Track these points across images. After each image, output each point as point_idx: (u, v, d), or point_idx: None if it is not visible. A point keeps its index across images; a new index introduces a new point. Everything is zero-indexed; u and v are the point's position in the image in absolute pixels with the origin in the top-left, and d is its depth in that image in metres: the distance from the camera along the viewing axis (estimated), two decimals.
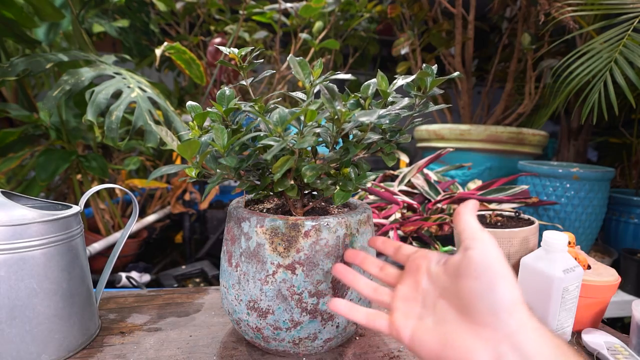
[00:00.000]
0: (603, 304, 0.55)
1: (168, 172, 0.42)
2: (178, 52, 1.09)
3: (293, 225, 0.42)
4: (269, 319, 0.44)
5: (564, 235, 0.50)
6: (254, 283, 0.43)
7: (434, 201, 0.96)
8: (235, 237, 0.46)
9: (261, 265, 0.43)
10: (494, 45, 1.86)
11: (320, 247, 0.42)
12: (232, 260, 0.46)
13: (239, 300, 0.45)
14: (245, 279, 0.44)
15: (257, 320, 0.44)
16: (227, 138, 0.41)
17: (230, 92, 0.47)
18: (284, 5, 1.42)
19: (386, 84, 0.43)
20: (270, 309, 0.43)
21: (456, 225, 0.34)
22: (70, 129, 1.07)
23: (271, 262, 0.42)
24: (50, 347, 0.45)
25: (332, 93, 0.40)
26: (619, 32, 1.04)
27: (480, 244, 0.31)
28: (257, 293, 0.43)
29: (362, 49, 1.82)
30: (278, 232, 0.42)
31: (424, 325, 0.32)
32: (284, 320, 0.43)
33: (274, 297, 0.43)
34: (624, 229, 1.25)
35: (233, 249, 0.46)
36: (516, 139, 1.31)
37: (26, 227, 0.43)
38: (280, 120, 0.39)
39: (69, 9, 1.03)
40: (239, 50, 0.47)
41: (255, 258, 0.43)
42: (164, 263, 1.28)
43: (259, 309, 0.44)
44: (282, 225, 0.42)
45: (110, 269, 0.56)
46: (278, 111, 0.39)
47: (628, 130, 1.59)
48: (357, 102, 0.46)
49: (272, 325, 0.44)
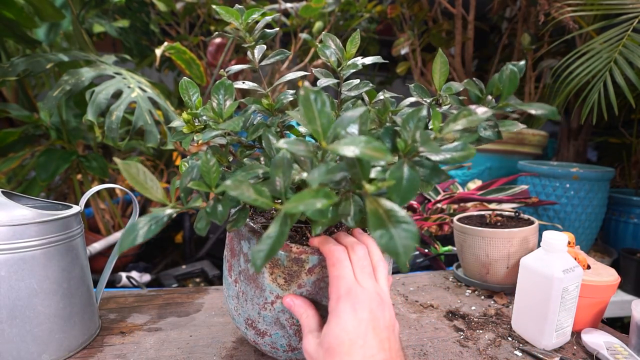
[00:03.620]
0: (603, 303, 0.55)
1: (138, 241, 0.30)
2: (178, 52, 1.09)
3: (296, 260, 0.37)
4: (266, 339, 0.41)
5: (563, 235, 0.50)
6: (252, 305, 0.40)
7: (433, 201, 0.96)
8: (235, 252, 0.42)
9: (260, 291, 0.39)
10: (493, 45, 1.86)
11: (325, 285, 0.38)
12: (231, 273, 0.43)
13: (237, 314, 0.43)
14: (244, 297, 0.41)
15: (255, 336, 0.42)
16: (216, 174, 0.32)
17: (229, 83, 0.39)
18: (284, 5, 1.42)
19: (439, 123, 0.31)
20: (268, 332, 0.41)
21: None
22: (70, 129, 1.07)
23: (270, 291, 0.39)
24: (51, 347, 0.45)
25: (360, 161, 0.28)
26: (619, 32, 1.04)
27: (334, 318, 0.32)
28: (255, 315, 0.41)
29: (362, 49, 1.83)
30: (279, 263, 0.37)
31: None
32: (281, 344, 0.41)
33: (272, 324, 0.40)
34: (624, 228, 1.25)
35: (233, 263, 0.43)
36: (516, 139, 1.31)
37: (26, 227, 0.43)
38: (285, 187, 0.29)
39: (69, 9, 1.04)
40: (246, 12, 0.38)
41: (254, 282, 0.40)
42: (164, 263, 1.28)
43: (257, 329, 0.41)
44: (284, 257, 0.37)
45: (110, 268, 0.56)
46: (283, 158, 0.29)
47: (628, 130, 1.59)
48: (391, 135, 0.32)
49: (270, 344, 0.42)
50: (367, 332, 0.32)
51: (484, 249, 0.66)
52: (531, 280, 0.52)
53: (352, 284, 0.33)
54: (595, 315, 0.55)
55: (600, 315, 0.56)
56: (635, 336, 0.50)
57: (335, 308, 0.33)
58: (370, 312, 0.32)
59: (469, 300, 0.66)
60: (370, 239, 0.39)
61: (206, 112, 0.38)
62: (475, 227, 0.67)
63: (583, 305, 0.53)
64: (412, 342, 0.52)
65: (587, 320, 0.55)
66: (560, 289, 0.48)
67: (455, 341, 0.52)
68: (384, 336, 0.32)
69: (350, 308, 0.32)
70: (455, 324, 0.57)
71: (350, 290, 0.33)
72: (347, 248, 0.36)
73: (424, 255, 0.87)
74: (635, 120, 1.56)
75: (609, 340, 0.50)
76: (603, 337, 0.51)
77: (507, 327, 0.56)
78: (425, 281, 0.73)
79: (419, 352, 0.50)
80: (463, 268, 0.73)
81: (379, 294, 0.34)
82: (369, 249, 0.37)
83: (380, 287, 0.35)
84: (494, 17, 1.71)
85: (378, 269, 0.37)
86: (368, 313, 0.32)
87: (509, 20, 1.69)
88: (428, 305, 0.63)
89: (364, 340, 0.31)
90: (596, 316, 0.55)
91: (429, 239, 0.88)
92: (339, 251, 0.35)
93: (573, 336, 0.54)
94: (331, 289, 0.34)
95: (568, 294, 0.49)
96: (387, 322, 0.34)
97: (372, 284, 0.35)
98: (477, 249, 0.67)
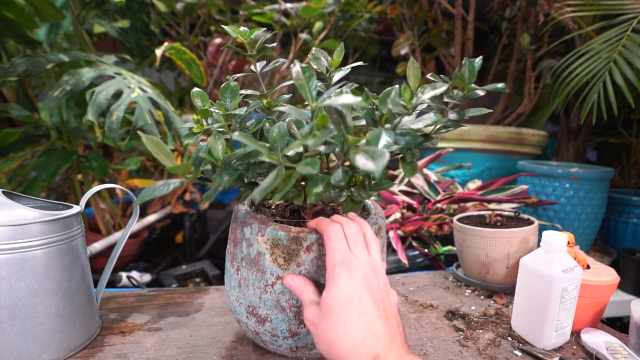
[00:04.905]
0: (602, 303, 0.55)
1: (162, 193, 0.39)
2: (178, 53, 1.10)
3: (295, 238, 0.40)
4: (266, 326, 0.43)
5: (563, 235, 0.50)
6: (254, 290, 0.42)
7: (433, 201, 0.96)
8: (237, 241, 0.45)
9: (261, 274, 0.41)
10: (493, 45, 1.86)
11: (323, 263, 0.40)
12: (234, 263, 0.45)
13: (239, 303, 0.45)
14: (245, 284, 0.43)
15: (256, 325, 0.43)
16: (222, 150, 0.39)
17: (234, 84, 0.44)
18: (284, 6, 1.42)
19: (409, 96, 0.37)
20: (269, 317, 0.42)
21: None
22: (70, 129, 1.07)
23: (271, 272, 0.41)
24: (51, 347, 0.45)
25: (341, 116, 0.35)
26: (618, 32, 1.04)
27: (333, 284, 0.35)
28: (256, 300, 0.42)
29: (362, 49, 1.83)
30: (279, 243, 0.40)
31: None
32: (281, 329, 0.42)
33: (272, 307, 0.42)
34: (623, 228, 1.25)
35: (235, 252, 0.45)
36: (516, 139, 1.31)
37: (27, 227, 0.43)
38: (280, 137, 0.34)
39: (69, 10, 1.04)
40: (249, 31, 0.43)
41: (256, 266, 0.42)
42: (165, 263, 1.28)
43: (258, 315, 0.43)
44: (284, 237, 0.40)
45: (110, 268, 0.57)
46: (278, 126, 0.35)
47: (627, 130, 1.60)
48: (371, 114, 0.39)
49: (270, 332, 0.43)
50: (362, 292, 0.35)
51: (483, 249, 0.66)
52: (531, 280, 0.52)
53: (346, 254, 0.36)
54: (594, 315, 0.55)
55: (600, 315, 0.56)
56: (634, 336, 0.50)
57: (332, 274, 0.36)
58: (364, 277, 0.35)
59: (469, 300, 0.66)
60: (363, 220, 0.42)
61: (217, 106, 0.43)
62: (475, 227, 0.67)
63: (582, 305, 0.53)
64: (412, 341, 0.52)
65: (586, 320, 0.55)
66: (560, 288, 0.48)
67: (455, 341, 0.53)
68: (378, 297, 0.35)
69: (345, 272, 0.35)
70: (455, 323, 0.57)
71: (345, 259, 0.36)
72: (342, 225, 0.39)
73: (424, 255, 0.87)
74: (634, 120, 1.56)
75: (609, 340, 0.50)
76: (602, 336, 0.51)
77: (506, 327, 0.56)
78: (425, 281, 0.74)
79: (418, 351, 0.50)
80: (463, 268, 0.73)
81: (371, 263, 0.37)
82: (362, 227, 0.41)
83: (373, 259, 0.39)
84: (493, 17, 1.71)
85: (371, 244, 0.40)
86: (362, 277, 0.35)
87: (509, 21, 1.69)
88: (428, 305, 0.63)
89: (360, 298, 0.34)
90: (596, 316, 0.55)
91: (429, 239, 0.89)
92: (335, 227, 0.39)
93: (573, 336, 0.54)
94: (327, 260, 0.37)
95: (568, 294, 0.49)
96: (380, 287, 0.37)
97: (365, 254, 0.38)
98: (477, 249, 0.67)
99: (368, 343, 0.33)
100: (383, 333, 0.33)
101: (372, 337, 0.33)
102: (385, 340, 0.33)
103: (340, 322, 0.34)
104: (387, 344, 0.33)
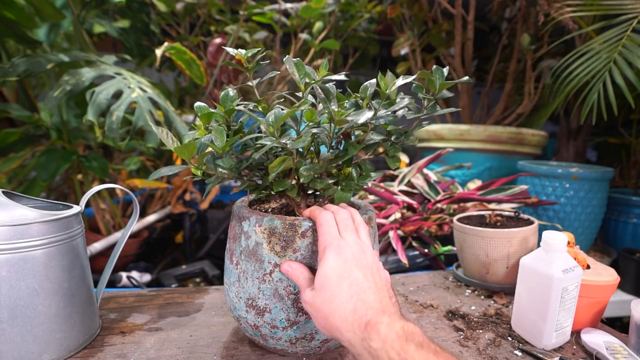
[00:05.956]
0: (602, 303, 0.55)
1: (167, 173, 0.43)
2: (178, 53, 1.10)
3: (290, 226, 0.42)
4: (266, 317, 0.44)
5: (563, 235, 0.50)
6: (252, 281, 0.44)
7: (433, 201, 0.96)
8: (236, 236, 0.46)
9: (259, 264, 0.43)
10: (493, 45, 1.86)
11: (317, 248, 0.42)
12: (233, 258, 0.47)
13: (238, 298, 0.46)
14: (245, 277, 0.45)
15: (255, 318, 0.45)
16: (225, 139, 0.41)
17: (233, 93, 0.47)
18: (284, 6, 1.42)
19: (385, 85, 0.43)
20: (268, 307, 0.44)
21: None
22: (71, 129, 1.07)
23: (268, 261, 0.43)
24: (51, 347, 0.45)
25: (327, 93, 0.41)
26: (618, 32, 1.04)
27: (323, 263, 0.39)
28: (255, 291, 0.44)
29: (362, 49, 1.83)
30: (276, 231, 0.43)
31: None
32: (280, 319, 0.44)
33: (271, 296, 0.43)
34: (623, 228, 1.25)
35: (234, 247, 0.47)
36: (516, 139, 1.31)
37: (27, 227, 0.43)
38: (275, 119, 0.39)
39: (69, 10, 1.04)
40: (246, 52, 0.48)
41: (254, 257, 0.44)
42: (165, 263, 1.28)
43: (257, 307, 0.44)
44: (280, 225, 0.42)
45: (111, 268, 0.57)
46: (274, 111, 0.40)
47: (627, 130, 1.60)
48: (355, 102, 0.45)
49: (269, 323, 0.44)
50: (351, 267, 0.38)
51: (483, 249, 0.66)
52: (531, 280, 0.52)
53: (336, 237, 0.40)
54: (594, 315, 0.55)
55: (600, 315, 0.56)
56: (634, 336, 0.50)
57: (323, 255, 0.39)
58: (353, 255, 0.39)
59: (469, 300, 0.66)
60: (353, 208, 0.46)
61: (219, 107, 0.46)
62: (475, 227, 0.67)
63: (583, 305, 0.53)
64: None
65: (586, 320, 0.55)
66: (560, 288, 0.48)
67: (455, 341, 0.53)
68: (367, 272, 0.38)
69: (335, 252, 0.39)
70: (455, 323, 0.57)
71: (335, 241, 0.39)
72: (333, 213, 0.43)
73: (424, 255, 0.87)
74: (634, 120, 1.56)
75: (609, 339, 0.50)
76: (602, 336, 0.51)
77: (506, 327, 0.56)
78: (425, 281, 0.74)
79: None
80: (463, 268, 0.73)
81: (359, 244, 0.41)
82: (351, 214, 0.44)
83: (361, 240, 0.42)
84: (493, 17, 1.71)
85: (359, 228, 0.43)
86: (351, 255, 0.39)
87: (509, 21, 1.69)
88: (428, 305, 0.63)
89: (350, 272, 0.38)
90: (596, 316, 0.55)
91: (429, 239, 0.89)
92: (326, 214, 0.42)
93: (573, 336, 0.54)
94: (319, 243, 0.40)
95: (568, 294, 0.49)
96: (369, 263, 0.40)
97: (354, 237, 0.41)
98: (477, 249, 0.67)
99: (359, 311, 0.35)
100: (374, 301, 0.36)
101: (363, 305, 0.35)
102: (376, 307, 0.35)
103: (334, 296, 0.36)
104: (378, 311, 0.35)
